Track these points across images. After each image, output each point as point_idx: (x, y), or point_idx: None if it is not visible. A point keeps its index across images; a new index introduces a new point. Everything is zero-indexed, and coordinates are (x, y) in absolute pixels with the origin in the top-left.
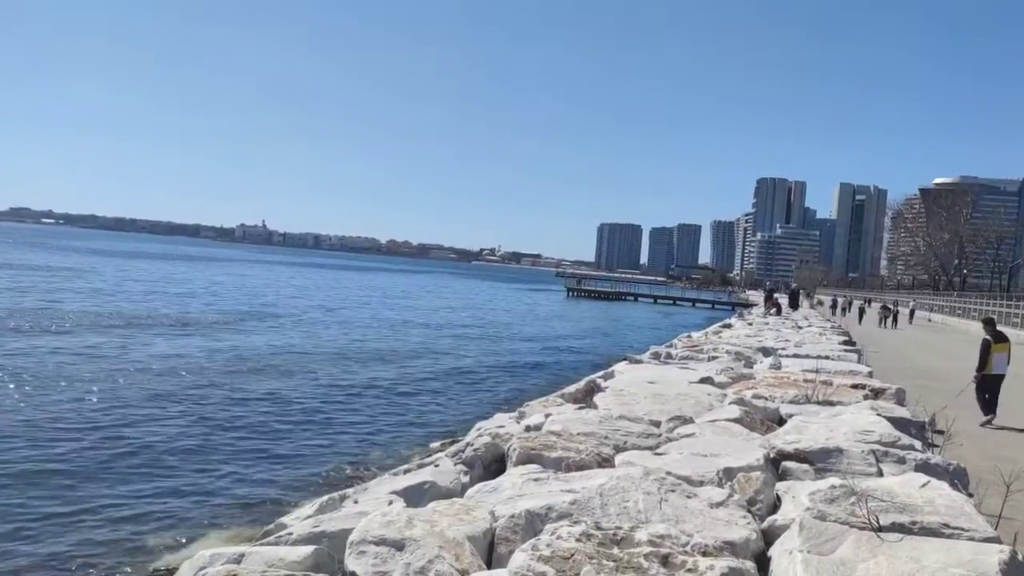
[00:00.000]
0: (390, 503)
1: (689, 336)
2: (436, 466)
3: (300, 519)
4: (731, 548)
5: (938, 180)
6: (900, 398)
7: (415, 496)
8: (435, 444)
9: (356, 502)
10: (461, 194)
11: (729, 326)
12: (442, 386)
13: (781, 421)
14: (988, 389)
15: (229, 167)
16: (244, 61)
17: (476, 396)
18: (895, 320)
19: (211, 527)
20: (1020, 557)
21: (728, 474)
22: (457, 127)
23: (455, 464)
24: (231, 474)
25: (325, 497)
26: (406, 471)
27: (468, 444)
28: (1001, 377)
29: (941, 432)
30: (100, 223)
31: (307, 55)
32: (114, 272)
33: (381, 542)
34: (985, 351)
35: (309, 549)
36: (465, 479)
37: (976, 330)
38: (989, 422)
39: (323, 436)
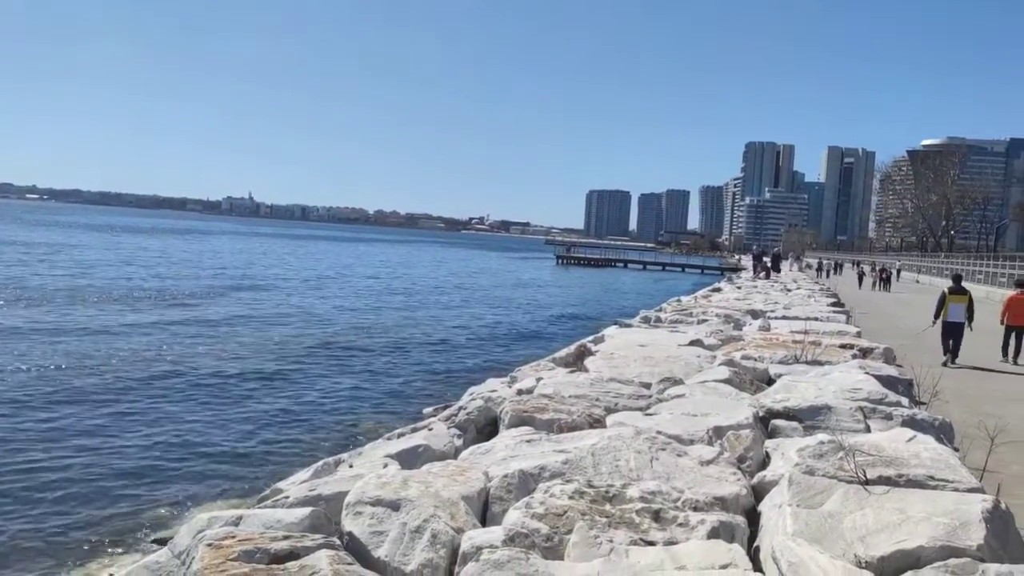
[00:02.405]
0: (385, 466)
1: (678, 300)
2: (430, 430)
3: (296, 483)
4: (721, 503)
5: (926, 142)
6: (888, 357)
7: (409, 459)
8: (428, 409)
9: (351, 466)
10: (449, 164)
11: (718, 290)
12: (434, 353)
13: (770, 381)
14: (950, 335)
15: (215, 140)
16: (229, 39)
17: (468, 362)
18: (887, 282)
19: (209, 494)
20: (1003, 506)
21: (718, 432)
22: (444, 98)
23: (448, 428)
24: (227, 443)
25: (320, 462)
26: (400, 435)
27: (461, 408)
28: (959, 324)
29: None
30: (85, 198)
31: (292, 33)
32: (102, 247)
33: (377, 503)
34: (940, 302)
35: (306, 511)
36: (458, 442)
37: None
38: (947, 363)
39: (318, 404)
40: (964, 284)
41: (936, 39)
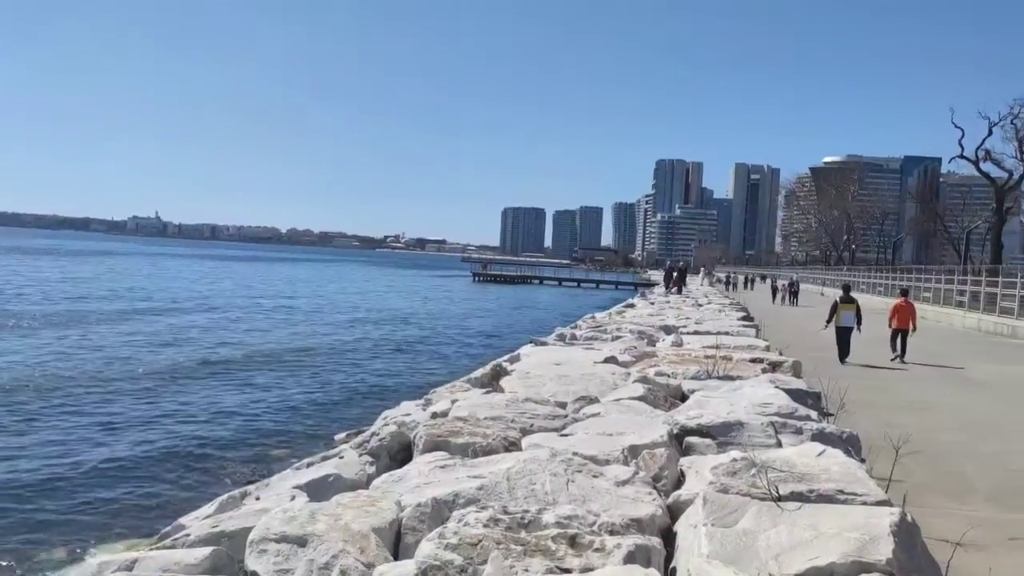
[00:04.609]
0: (292, 498)
1: (593, 317)
2: (340, 458)
3: (200, 519)
4: (637, 525)
5: (827, 159)
6: (796, 370)
7: (319, 490)
8: (340, 436)
9: (258, 499)
10: (363, 181)
11: (632, 306)
12: (347, 376)
13: (684, 397)
14: (843, 338)
15: (119, 158)
16: (130, 52)
17: (382, 385)
18: (794, 297)
19: (106, 533)
20: (908, 518)
21: (633, 452)
22: (357, 115)
23: (360, 455)
24: (128, 477)
25: (225, 495)
26: (309, 465)
27: (373, 434)
28: (849, 329)
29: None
30: None
31: (197, 46)
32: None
33: (282, 539)
34: (833, 309)
35: (207, 551)
36: (371, 470)
37: (864, 301)
38: (843, 361)
39: (224, 433)
40: (852, 294)
41: (834, 58)
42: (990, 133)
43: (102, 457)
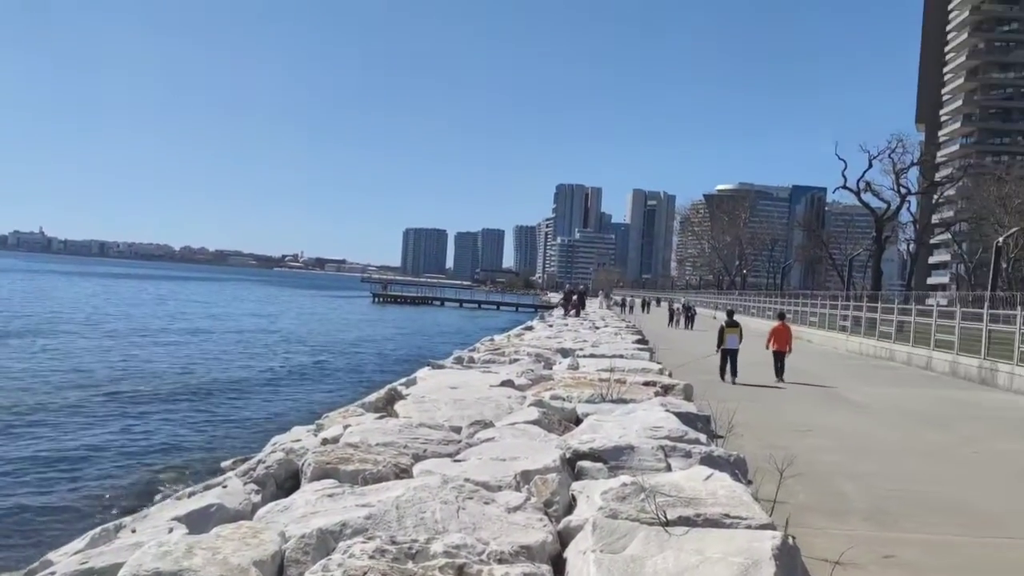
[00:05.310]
0: (170, 530)
1: (492, 339)
2: (224, 487)
3: (68, 555)
4: (527, 552)
5: (720, 186)
6: (688, 393)
7: (200, 521)
8: (226, 463)
9: (133, 531)
10: (261, 199)
11: (531, 328)
12: (238, 400)
13: (579, 421)
14: (728, 359)
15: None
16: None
17: (274, 409)
18: (690, 320)
19: None
20: (790, 541)
21: (525, 477)
22: (253, 130)
23: (246, 484)
24: None
25: (98, 528)
26: (191, 494)
27: (260, 461)
28: (735, 351)
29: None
30: None
31: (82, 49)
32: None
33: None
34: (720, 333)
35: None
36: (256, 499)
37: (755, 326)
38: (728, 380)
39: (106, 459)
40: (737, 318)
41: (728, 89)
42: (870, 166)
43: None
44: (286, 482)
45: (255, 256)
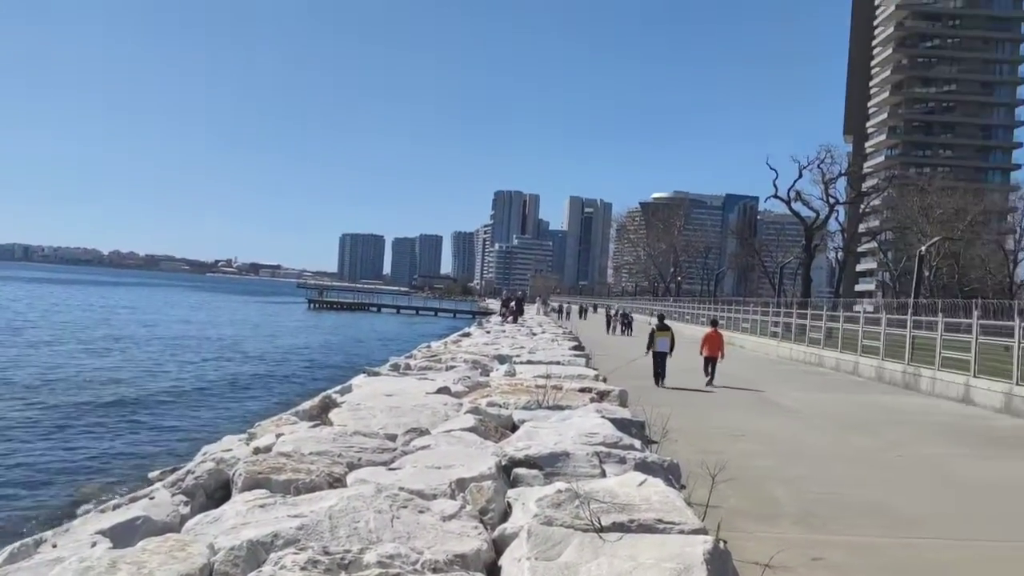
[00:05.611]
0: (93, 545)
1: (428, 346)
2: (151, 498)
3: None
4: (462, 561)
5: (656, 195)
6: (623, 399)
7: (125, 534)
8: (154, 474)
9: (54, 546)
10: (194, 204)
11: (468, 335)
12: (167, 409)
13: (515, 428)
14: (658, 362)
15: None
16: None
17: (205, 418)
18: (627, 327)
19: None
20: (721, 545)
21: (461, 485)
22: (190, 135)
23: (174, 495)
24: None
25: (17, 543)
26: (116, 507)
27: (189, 472)
28: (664, 354)
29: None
30: None
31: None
32: None
33: None
34: (650, 336)
35: None
36: (185, 510)
37: (689, 332)
38: (658, 383)
39: (25, 471)
40: (668, 322)
41: (662, 97)
42: (800, 176)
43: None
44: (216, 493)
45: (187, 261)
